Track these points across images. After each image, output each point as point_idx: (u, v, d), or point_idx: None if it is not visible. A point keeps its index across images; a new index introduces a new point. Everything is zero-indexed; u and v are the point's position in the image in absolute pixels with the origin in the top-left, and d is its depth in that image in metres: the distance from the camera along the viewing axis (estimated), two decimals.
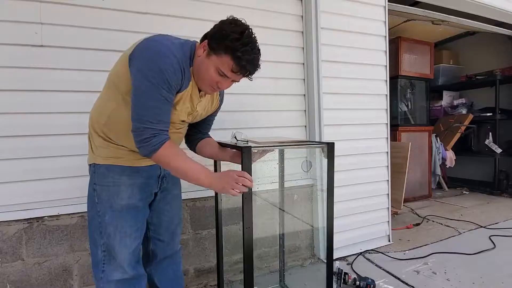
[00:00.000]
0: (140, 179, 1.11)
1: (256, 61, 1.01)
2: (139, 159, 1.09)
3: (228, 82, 1.04)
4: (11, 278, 1.45)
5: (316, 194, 2.18)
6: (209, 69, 0.99)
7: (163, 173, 1.19)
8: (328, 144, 1.28)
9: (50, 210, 1.51)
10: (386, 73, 2.42)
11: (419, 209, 3.38)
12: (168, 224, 1.27)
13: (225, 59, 0.97)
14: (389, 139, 2.47)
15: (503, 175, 4.00)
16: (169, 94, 0.95)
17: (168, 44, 0.95)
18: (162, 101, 0.94)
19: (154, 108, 0.93)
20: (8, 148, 1.44)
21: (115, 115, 1.03)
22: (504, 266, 1.99)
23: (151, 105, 0.93)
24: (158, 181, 1.18)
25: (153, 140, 0.94)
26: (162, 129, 0.96)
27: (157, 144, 0.94)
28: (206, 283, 1.86)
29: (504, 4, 3.15)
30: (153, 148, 0.94)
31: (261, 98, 2.03)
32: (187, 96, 1.05)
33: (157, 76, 0.91)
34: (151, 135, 0.93)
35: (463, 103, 4.41)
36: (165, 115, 0.97)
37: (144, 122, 0.93)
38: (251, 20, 1.94)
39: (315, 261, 2.19)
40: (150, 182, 1.15)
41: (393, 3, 2.61)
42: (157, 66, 0.91)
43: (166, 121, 0.97)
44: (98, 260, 1.09)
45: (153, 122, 0.93)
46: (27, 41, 1.45)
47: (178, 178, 1.30)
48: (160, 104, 0.94)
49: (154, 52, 0.92)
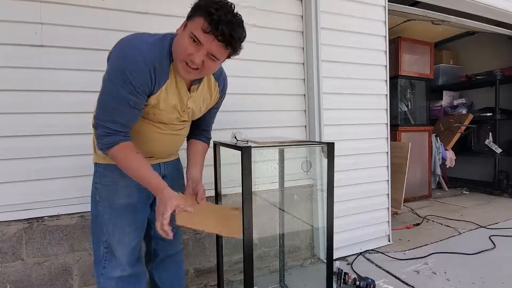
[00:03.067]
0: None
1: (233, 25, 0.87)
2: None
3: (201, 52, 0.89)
4: (11, 278, 1.45)
5: (316, 194, 2.18)
6: (183, 37, 0.90)
7: (163, 172, 1.17)
8: (328, 144, 1.28)
9: (50, 210, 1.51)
10: (386, 73, 2.42)
11: (419, 209, 3.38)
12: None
13: (197, 19, 0.86)
14: (389, 139, 2.47)
15: (503, 175, 4.00)
16: (131, 96, 0.91)
17: (138, 45, 0.90)
18: (121, 102, 0.91)
19: (112, 109, 0.92)
20: (8, 148, 1.44)
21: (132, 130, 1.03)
22: (504, 266, 1.99)
23: (109, 104, 0.92)
24: None
25: (106, 139, 0.93)
26: (118, 130, 0.94)
27: (108, 143, 0.93)
28: (206, 283, 1.86)
29: (504, 4, 3.15)
30: (105, 146, 0.94)
31: (261, 98, 2.03)
32: (171, 94, 1.01)
33: (120, 77, 0.89)
34: (104, 133, 0.93)
35: (463, 103, 4.41)
36: (123, 117, 0.94)
37: (100, 120, 0.93)
38: (251, 20, 1.96)
39: (315, 261, 2.19)
40: None
41: (393, 3, 2.61)
42: (120, 67, 0.89)
43: (123, 122, 0.94)
44: (100, 256, 1.10)
45: (108, 121, 0.92)
46: (27, 41, 1.45)
47: (180, 178, 1.31)
48: (119, 105, 0.91)
49: (121, 53, 0.90)
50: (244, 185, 1.07)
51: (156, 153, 1.15)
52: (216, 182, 1.51)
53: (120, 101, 0.91)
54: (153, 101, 0.98)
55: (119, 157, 0.96)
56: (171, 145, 1.18)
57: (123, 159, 0.96)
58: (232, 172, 1.51)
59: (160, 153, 1.16)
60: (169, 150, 1.20)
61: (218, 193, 1.53)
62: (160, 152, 1.16)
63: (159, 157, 1.17)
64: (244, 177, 1.07)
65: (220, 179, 1.51)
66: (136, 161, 0.97)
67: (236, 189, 1.80)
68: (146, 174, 0.97)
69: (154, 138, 1.09)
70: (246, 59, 1.96)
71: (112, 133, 0.93)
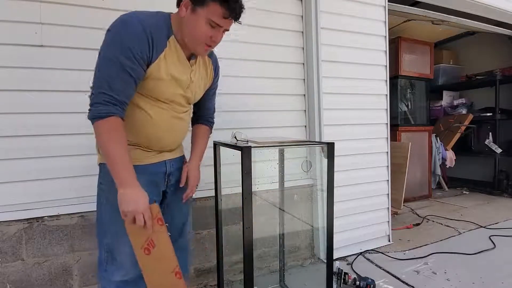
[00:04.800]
0: (143, 178, 1.06)
1: (241, 2, 0.99)
2: (143, 158, 1.07)
3: (220, 32, 1.01)
4: (11, 278, 1.45)
5: (316, 194, 2.18)
6: (199, 24, 0.96)
7: (169, 170, 1.16)
8: (328, 144, 1.28)
9: (50, 210, 1.51)
10: (386, 73, 2.42)
11: (419, 209, 3.38)
12: (177, 223, 1.25)
13: (214, 7, 0.94)
14: (389, 139, 2.47)
15: (503, 175, 4.00)
16: (128, 61, 0.90)
17: (137, 14, 0.94)
18: (119, 67, 0.89)
19: (109, 75, 0.90)
20: (8, 148, 1.44)
21: (133, 116, 1.02)
22: (504, 266, 1.99)
23: (106, 71, 0.90)
24: (165, 178, 1.15)
25: (100, 107, 0.89)
26: (115, 99, 0.90)
27: (101, 113, 0.89)
28: (206, 283, 1.86)
29: (504, 4, 3.15)
30: (97, 114, 0.90)
31: (261, 98, 2.03)
32: (171, 64, 1.01)
33: (118, 41, 0.90)
34: (101, 100, 0.89)
35: (463, 103, 4.41)
36: (120, 84, 0.91)
37: (97, 87, 0.90)
38: (252, 20, 1.96)
39: (315, 261, 2.19)
40: (155, 181, 1.12)
41: (393, 3, 2.61)
42: (119, 33, 0.90)
43: (120, 89, 0.91)
44: (102, 259, 1.08)
45: (105, 88, 0.89)
46: (27, 41, 1.45)
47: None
48: (116, 70, 0.90)
49: (120, 21, 0.92)
50: (244, 185, 1.07)
51: (162, 140, 1.10)
52: (216, 182, 1.51)
53: (118, 67, 0.89)
54: (153, 71, 0.97)
55: (104, 131, 0.91)
56: (175, 131, 1.14)
57: (106, 136, 0.91)
58: (232, 172, 1.51)
59: (165, 141, 1.12)
60: (174, 137, 1.15)
61: (218, 193, 1.53)
62: (165, 139, 1.11)
63: (165, 147, 1.13)
64: (244, 177, 1.07)
65: (220, 179, 1.51)
66: (118, 144, 0.92)
67: (236, 189, 1.80)
68: (122, 158, 0.92)
69: (158, 121, 1.06)
70: (246, 59, 1.97)
71: (109, 103, 0.90)
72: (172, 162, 1.18)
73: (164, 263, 1.01)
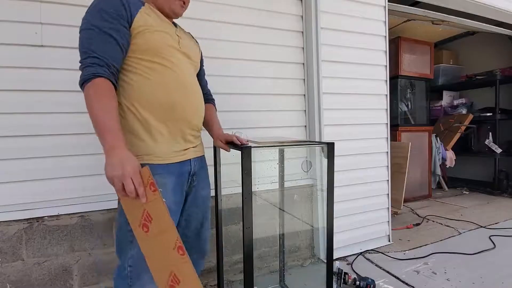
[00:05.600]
0: (172, 177, 1.01)
1: None
2: (171, 152, 1.01)
3: None
4: (11, 278, 1.45)
5: (316, 194, 2.18)
6: None
7: (193, 169, 1.10)
8: (328, 144, 1.28)
9: (50, 210, 1.51)
10: (386, 73, 2.42)
11: (419, 209, 3.38)
12: (196, 227, 1.18)
13: None
14: (389, 139, 2.47)
15: (503, 175, 4.00)
16: (105, 23, 0.89)
17: None
18: (98, 32, 0.88)
19: (90, 41, 0.88)
20: (8, 148, 1.44)
21: (140, 88, 0.97)
22: (504, 266, 1.99)
23: (87, 39, 0.89)
24: (188, 178, 1.09)
25: (88, 69, 0.86)
26: (102, 60, 0.87)
27: (88, 73, 0.86)
28: (206, 283, 1.86)
29: (504, 4, 3.15)
30: (83, 78, 0.87)
31: (261, 98, 2.03)
32: (153, 18, 1.00)
33: (93, 12, 0.91)
34: (87, 64, 0.87)
35: (463, 103, 4.41)
36: (102, 46, 0.88)
37: (83, 54, 0.89)
38: (251, 20, 1.96)
39: (315, 261, 2.19)
40: (182, 181, 1.06)
41: (393, 3, 2.61)
42: (94, 6, 0.92)
43: (104, 50, 0.88)
44: (125, 272, 0.96)
45: (88, 53, 0.87)
46: (27, 41, 1.45)
47: (207, 177, 1.23)
48: (96, 35, 0.88)
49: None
50: (244, 185, 1.07)
51: (179, 107, 1.02)
52: (216, 182, 1.51)
53: (97, 31, 0.88)
54: (139, 22, 0.95)
55: (90, 93, 0.85)
56: (192, 92, 1.08)
57: (93, 98, 0.85)
58: (232, 172, 1.51)
59: (186, 108, 1.04)
60: (193, 102, 1.08)
61: (218, 193, 1.53)
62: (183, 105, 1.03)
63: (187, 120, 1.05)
64: (244, 177, 1.07)
65: (220, 179, 1.51)
66: (105, 106, 0.85)
67: (236, 189, 1.80)
68: (109, 125, 0.84)
69: (168, 82, 0.99)
70: (246, 59, 1.97)
71: (94, 64, 0.87)
72: (196, 161, 1.12)
73: (164, 238, 0.86)
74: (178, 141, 1.04)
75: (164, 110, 0.99)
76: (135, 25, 0.94)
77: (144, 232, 0.85)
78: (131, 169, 0.82)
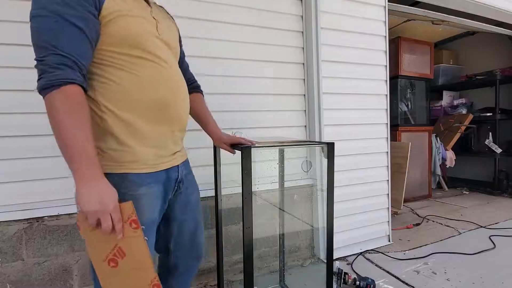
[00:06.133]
0: (159, 185, 0.91)
1: None
2: (159, 157, 0.90)
3: None
4: (11, 278, 1.45)
5: (316, 194, 2.18)
6: None
7: (180, 176, 1.00)
8: (328, 144, 1.28)
9: (50, 210, 1.51)
10: (386, 73, 2.42)
11: (419, 209, 3.38)
12: (189, 234, 1.10)
13: None
14: (389, 139, 2.47)
15: (503, 175, 4.00)
16: (67, 9, 0.70)
17: None
18: (59, 20, 0.69)
19: (51, 33, 0.69)
20: (8, 148, 1.44)
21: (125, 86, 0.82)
22: (504, 266, 1.99)
23: (45, 29, 0.70)
24: (174, 186, 0.98)
25: (53, 73, 0.68)
26: (70, 58, 0.69)
27: (58, 79, 0.67)
28: (206, 283, 1.86)
29: (504, 4, 3.15)
30: (50, 82, 0.67)
31: (261, 98, 2.03)
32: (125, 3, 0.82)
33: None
34: (53, 64, 0.68)
35: (463, 103, 4.41)
36: (67, 39, 0.70)
37: (42, 50, 0.69)
38: (252, 20, 1.96)
39: (315, 261, 2.19)
40: (167, 187, 0.95)
41: (393, 3, 2.61)
42: None
43: (70, 46, 0.70)
44: None
45: (50, 48, 0.68)
46: (27, 41, 1.44)
47: (194, 182, 1.13)
48: (57, 24, 0.69)
49: None
50: (244, 185, 1.07)
51: (171, 105, 0.91)
52: (216, 182, 1.51)
53: (57, 19, 0.69)
54: (110, 7, 0.77)
55: (60, 106, 0.68)
56: (179, 88, 0.96)
57: (65, 111, 0.68)
58: (232, 172, 1.51)
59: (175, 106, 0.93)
60: (182, 99, 0.97)
61: (218, 193, 1.53)
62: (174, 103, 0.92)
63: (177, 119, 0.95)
64: (244, 177, 1.07)
65: (220, 179, 1.51)
66: (80, 124, 0.70)
67: (236, 189, 1.80)
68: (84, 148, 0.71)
69: (154, 78, 0.86)
70: (246, 59, 1.97)
71: (64, 65, 0.68)
72: (183, 166, 1.02)
73: (139, 275, 0.79)
74: (167, 145, 0.93)
75: (155, 111, 0.87)
76: (106, 11, 0.76)
77: (111, 267, 0.77)
78: (112, 203, 0.72)
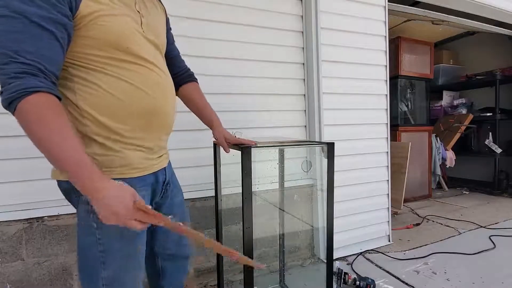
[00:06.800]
0: (147, 188, 0.88)
1: None
2: (148, 160, 0.87)
3: None
4: (11, 278, 1.45)
5: (316, 194, 2.18)
6: None
7: (167, 178, 0.98)
8: (328, 144, 1.28)
9: (50, 210, 1.51)
10: (386, 73, 2.42)
11: (419, 209, 3.38)
12: (174, 235, 1.05)
13: None
14: (389, 139, 2.47)
15: (503, 175, 4.00)
16: (33, 8, 0.61)
17: None
18: (24, 22, 0.60)
19: (14, 37, 0.60)
20: (8, 148, 1.44)
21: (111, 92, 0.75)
22: (504, 266, 1.99)
23: (5, 32, 0.60)
24: (162, 188, 0.96)
25: (18, 81, 0.59)
26: (36, 66, 0.61)
27: (24, 88, 0.60)
28: (206, 283, 1.86)
29: (504, 4, 3.15)
30: (15, 94, 0.60)
31: (261, 98, 2.03)
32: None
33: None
34: (16, 71, 0.59)
35: (463, 103, 4.41)
36: (34, 44, 0.61)
37: (3, 57, 0.59)
38: (252, 20, 1.96)
39: (315, 261, 2.19)
40: (156, 190, 0.93)
41: (393, 3, 2.61)
42: None
43: (38, 52, 0.62)
44: None
45: (12, 55, 0.59)
46: None
47: (177, 181, 1.10)
48: (21, 26, 0.60)
49: None
50: (244, 185, 1.07)
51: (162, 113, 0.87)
52: (216, 182, 1.51)
53: (23, 21, 0.60)
54: (90, 11, 0.69)
55: (30, 118, 0.62)
56: (169, 92, 0.91)
57: (37, 123, 0.62)
58: (232, 172, 1.51)
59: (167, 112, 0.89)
60: (172, 103, 0.93)
61: (218, 193, 1.53)
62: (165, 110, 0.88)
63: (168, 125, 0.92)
64: (244, 177, 1.07)
65: (220, 179, 1.51)
66: (61, 130, 0.63)
67: (236, 189, 1.80)
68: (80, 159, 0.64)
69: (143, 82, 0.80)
70: (246, 59, 1.97)
71: (24, 73, 0.60)
72: (167, 168, 0.99)
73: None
74: (153, 148, 0.89)
75: (140, 119, 0.81)
76: (84, 11, 0.68)
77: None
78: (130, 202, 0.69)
